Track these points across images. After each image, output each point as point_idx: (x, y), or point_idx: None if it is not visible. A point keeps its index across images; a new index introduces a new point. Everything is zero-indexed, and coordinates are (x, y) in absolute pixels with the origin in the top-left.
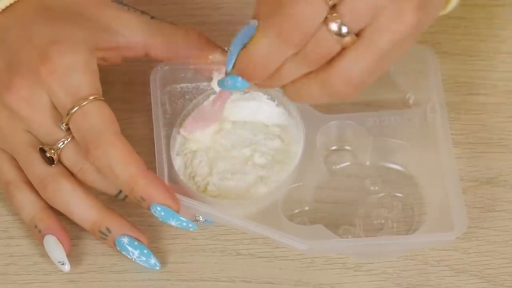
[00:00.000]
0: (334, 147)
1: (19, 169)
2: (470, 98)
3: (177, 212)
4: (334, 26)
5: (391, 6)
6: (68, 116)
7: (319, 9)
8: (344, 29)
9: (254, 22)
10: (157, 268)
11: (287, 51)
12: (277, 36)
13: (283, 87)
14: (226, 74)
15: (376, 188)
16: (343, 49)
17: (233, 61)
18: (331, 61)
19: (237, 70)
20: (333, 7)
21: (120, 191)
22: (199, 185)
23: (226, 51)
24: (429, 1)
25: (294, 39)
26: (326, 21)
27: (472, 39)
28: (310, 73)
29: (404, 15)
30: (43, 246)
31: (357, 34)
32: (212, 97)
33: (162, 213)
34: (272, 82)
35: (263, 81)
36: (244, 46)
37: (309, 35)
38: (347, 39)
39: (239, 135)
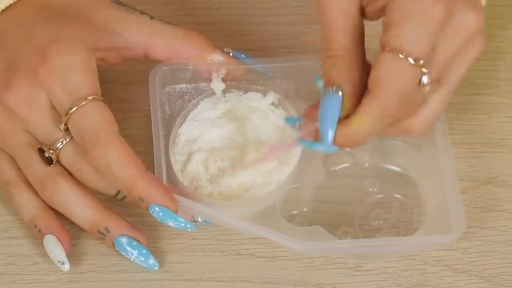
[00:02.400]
0: None
1: (18, 169)
2: (470, 98)
3: (175, 212)
4: (424, 79)
5: (465, 44)
6: (67, 116)
7: (415, 75)
8: (426, 80)
9: (335, 90)
10: (156, 268)
11: (389, 122)
12: (383, 114)
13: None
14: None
15: (375, 189)
16: (423, 96)
17: (330, 138)
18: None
19: (337, 143)
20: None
21: (119, 191)
22: (198, 186)
23: (226, 52)
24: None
25: (397, 112)
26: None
27: None
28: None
29: (479, 45)
30: (43, 246)
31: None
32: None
33: (160, 214)
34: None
35: None
36: (340, 121)
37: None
38: (429, 87)
39: (237, 136)
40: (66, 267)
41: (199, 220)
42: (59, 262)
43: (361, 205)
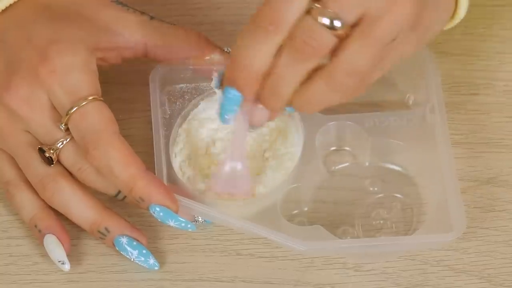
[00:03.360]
0: (333, 148)
1: (19, 169)
2: (470, 98)
3: (176, 212)
4: (325, 20)
5: None
6: (68, 116)
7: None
8: (337, 23)
9: None
10: (156, 268)
11: (266, 41)
12: (255, 28)
13: (292, 100)
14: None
15: (375, 188)
16: (339, 40)
17: (218, 80)
18: (332, 56)
19: (227, 81)
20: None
21: (119, 192)
22: (198, 186)
23: (226, 51)
24: None
25: (268, 24)
26: (313, 13)
27: (472, 39)
28: (312, 75)
29: (398, 5)
30: (43, 246)
31: (353, 26)
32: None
33: (161, 214)
34: (275, 90)
35: (264, 93)
36: None
37: (286, 22)
38: (341, 31)
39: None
40: (66, 267)
41: (200, 220)
42: (59, 262)
43: (362, 204)
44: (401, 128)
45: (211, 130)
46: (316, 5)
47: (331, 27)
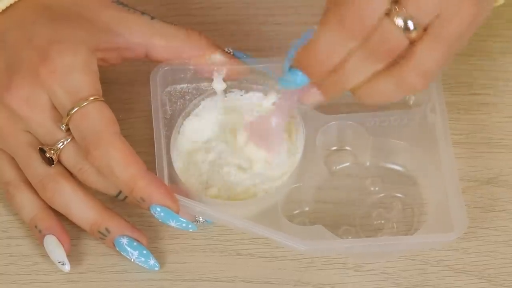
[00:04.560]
0: (334, 148)
1: (19, 169)
2: (470, 98)
3: (177, 212)
4: (399, 21)
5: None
6: (68, 117)
7: (380, 1)
8: (410, 24)
9: (315, 27)
10: (156, 268)
11: (348, 42)
12: (339, 27)
13: (353, 91)
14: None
15: (376, 188)
16: (411, 43)
17: (291, 56)
18: (403, 57)
19: (297, 63)
20: (398, 1)
21: (120, 192)
22: (199, 186)
23: (227, 51)
24: None
25: (356, 30)
26: (390, 15)
27: (472, 39)
28: (381, 71)
29: (467, 5)
30: (43, 246)
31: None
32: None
33: (162, 214)
34: (338, 82)
35: (327, 80)
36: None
37: (371, 27)
38: (414, 33)
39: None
40: (67, 267)
41: (201, 220)
42: (59, 262)
43: (362, 204)
44: (402, 128)
45: (211, 130)
46: (396, 7)
47: (405, 28)
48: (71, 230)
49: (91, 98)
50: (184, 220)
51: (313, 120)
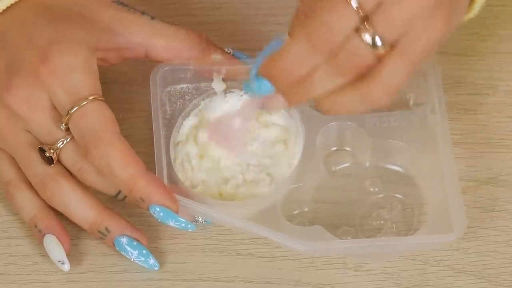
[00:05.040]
0: (333, 148)
1: (19, 168)
2: (470, 98)
3: (176, 212)
4: (367, 38)
5: (423, 16)
6: (68, 116)
7: (349, 18)
8: (378, 41)
9: (285, 37)
10: (156, 268)
11: (316, 57)
12: (307, 41)
13: (317, 101)
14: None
15: (376, 189)
16: (378, 59)
17: (258, 64)
18: (369, 72)
19: (264, 72)
20: (366, 17)
21: (119, 192)
22: (198, 186)
23: (227, 52)
24: (455, 8)
25: (324, 46)
26: (359, 31)
27: (472, 39)
28: (346, 85)
29: (436, 24)
30: (43, 246)
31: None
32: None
33: (161, 214)
34: (304, 92)
35: (291, 90)
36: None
37: (339, 43)
38: (381, 50)
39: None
40: (66, 267)
41: (200, 220)
42: (59, 262)
43: (362, 205)
44: (401, 129)
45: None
46: (364, 24)
47: (373, 45)
48: (71, 230)
49: (91, 98)
50: (183, 220)
51: (313, 120)
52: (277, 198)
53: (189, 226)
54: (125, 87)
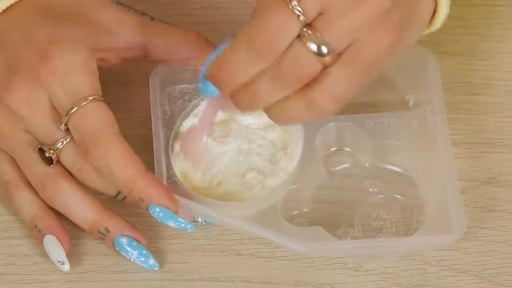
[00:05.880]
0: (333, 149)
1: (19, 169)
2: (470, 98)
3: (176, 213)
4: (313, 46)
5: (370, 26)
6: (68, 117)
7: (290, 22)
8: (324, 49)
9: (230, 38)
10: (156, 268)
11: (257, 63)
12: (247, 46)
13: (265, 109)
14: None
15: (376, 189)
16: (324, 67)
17: (206, 66)
18: (314, 80)
19: (207, 75)
20: (310, 25)
21: (119, 192)
22: (198, 186)
23: None
24: (407, 20)
25: (262, 48)
26: (302, 38)
27: (472, 39)
28: (292, 94)
29: (383, 33)
30: (43, 246)
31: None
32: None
33: (161, 214)
34: (248, 100)
35: (238, 96)
36: None
37: (279, 47)
38: (328, 58)
39: (238, 137)
40: (66, 267)
41: (200, 220)
42: (59, 262)
43: (362, 205)
44: (401, 129)
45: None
46: (308, 31)
47: (319, 54)
48: (71, 230)
49: (90, 98)
50: (183, 221)
51: (313, 120)
52: (277, 199)
53: (188, 226)
54: (125, 87)
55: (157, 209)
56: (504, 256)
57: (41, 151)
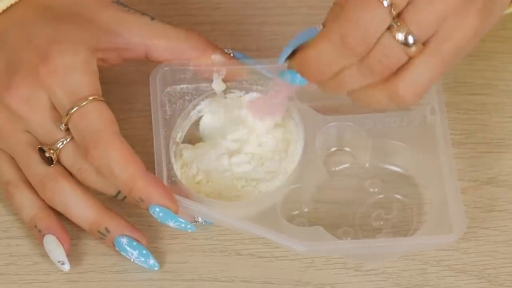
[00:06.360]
0: (333, 149)
1: (19, 169)
2: (470, 98)
3: (176, 213)
4: (400, 36)
5: (456, 13)
6: (68, 116)
7: (382, 16)
8: (411, 39)
9: (319, 27)
10: (156, 268)
11: (348, 57)
12: (340, 43)
13: (350, 93)
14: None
15: (376, 189)
16: (409, 58)
17: (285, 55)
18: (398, 71)
19: (297, 67)
20: (398, 16)
21: (119, 192)
22: (198, 186)
23: (226, 52)
24: (491, 4)
25: (356, 46)
26: (391, 30)
27: None
28: (376, 82)
29: (468, 20)
30: (43, 246)
31: (423, 42)
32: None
33: (161, 214)
34: (334, 87)
35: (324, 84)
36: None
37: (371, 42)
38: (414, 48)
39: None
40: (66, 267)
41: (200, 220)
42: (59, 262)
43: (362, 205)
44: (401, 129)
45: (211, 130)
46: (398, 23)
47: (405, 44)
48: (71, 230)
49: (91, 98)
50: (183, 221)
51: (313, 121)
52: (276, 199)
53: (188, 226)
54: (125, 87)
55: (157, 209)
56: (504, 256)
57: (41, 151)
